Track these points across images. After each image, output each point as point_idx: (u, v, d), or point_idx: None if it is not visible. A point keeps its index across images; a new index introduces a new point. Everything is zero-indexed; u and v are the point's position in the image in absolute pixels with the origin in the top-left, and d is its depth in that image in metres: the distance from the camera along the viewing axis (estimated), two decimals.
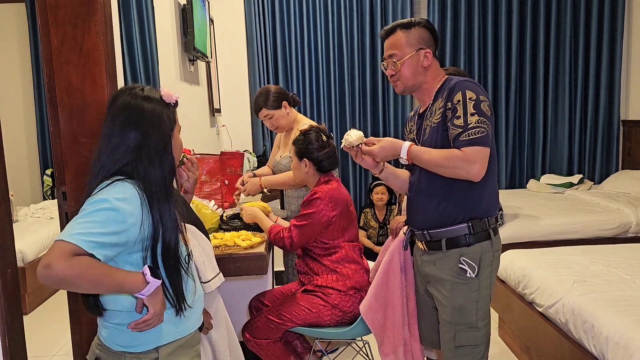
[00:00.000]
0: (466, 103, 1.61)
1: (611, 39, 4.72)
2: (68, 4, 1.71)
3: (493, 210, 1.72)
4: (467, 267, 1.67)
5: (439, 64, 1.79)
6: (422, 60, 1.73)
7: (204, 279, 1.71)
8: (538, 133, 4.84)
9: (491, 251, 1.71)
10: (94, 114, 1.75)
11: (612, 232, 3.46)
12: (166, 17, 2.96)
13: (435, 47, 1.76)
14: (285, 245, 2.08)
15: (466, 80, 1.66)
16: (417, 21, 1.75)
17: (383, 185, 4.29)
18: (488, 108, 1.62)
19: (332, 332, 2.11)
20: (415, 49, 1.72)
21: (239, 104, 4.79)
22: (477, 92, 1.62)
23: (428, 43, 1.74)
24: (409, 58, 1.72)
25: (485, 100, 1.62)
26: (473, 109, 1.60)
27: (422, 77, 1.75)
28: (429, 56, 1.73)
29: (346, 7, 4.65)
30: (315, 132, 2.19)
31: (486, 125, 1.60)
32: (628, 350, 1.80)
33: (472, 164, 1.58)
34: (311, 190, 2.16)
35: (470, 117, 1.60)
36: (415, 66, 1.73)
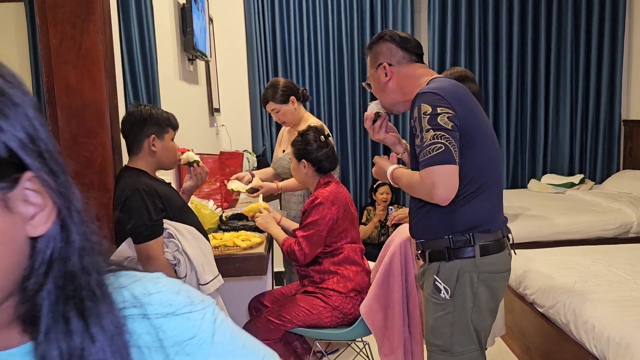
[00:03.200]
0: (421, 119, 1.45)
1: (612, 39, 4.71)
2: (67, 4, 1.70)
3: (484, 225, 1.51)
4: (441, 286, 1.52)
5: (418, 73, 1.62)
6: (382, 76, 1.63)
7: (202, 281, 1.71)
8: (539, 133, 4.83)
9: (475, 272, 1.50)
10: (93, 114, 1.75)
11: (613, 232, 3.45)
12: (165, 16, 2.95)
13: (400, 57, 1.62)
14: (298, 259, 2.07)
15: (425, 92, 1.48)
16: (378, 36, 1.67)
17: (387, 185, 4.30)
18: (448, 120, 1.42)
19: (332, 333, 2.10)
20: (375, 67, 1.65)
21: (238, 104, 4.78)
22: (433, 104, 1.44)
23: (388, 55, 1.62)
24: (371, 77, 1.66)
25: (445, 112, 1.43)
26: (427, 124, 1.43)
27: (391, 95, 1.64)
28: (389, 69, 1.61)
29: (346, 7, 4.64)
30: (313, 133, 2.18)
31: (444, 139, 1.41)
32: (629, 350, 1.80)
33: (432, 188, 1.41)
34: (311, 196, 2.14)
35: (425, 133, 1.43)
36: (376, 85, 1.66)
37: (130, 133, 1.78)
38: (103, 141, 1.76)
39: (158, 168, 1.84)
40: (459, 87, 1.57)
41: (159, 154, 1.80)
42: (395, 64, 1.63)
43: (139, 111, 1.78)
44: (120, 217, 1.67)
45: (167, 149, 1.82)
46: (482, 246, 1.51)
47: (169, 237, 1.72)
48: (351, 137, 4.76)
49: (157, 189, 1.73)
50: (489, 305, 1.56)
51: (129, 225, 1.65)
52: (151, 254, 1.64)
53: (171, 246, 1.71)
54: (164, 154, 1.82)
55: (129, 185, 1.69)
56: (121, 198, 1.67)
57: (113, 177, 1.78)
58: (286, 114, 2.59)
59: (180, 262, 1.70)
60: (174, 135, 1.86)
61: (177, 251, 1.70)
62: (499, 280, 1.56)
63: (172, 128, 1.85)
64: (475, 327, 1.55)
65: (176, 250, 1.70)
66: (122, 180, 1.75)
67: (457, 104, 1.47)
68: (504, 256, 1.57)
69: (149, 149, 1.78)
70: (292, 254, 2.07)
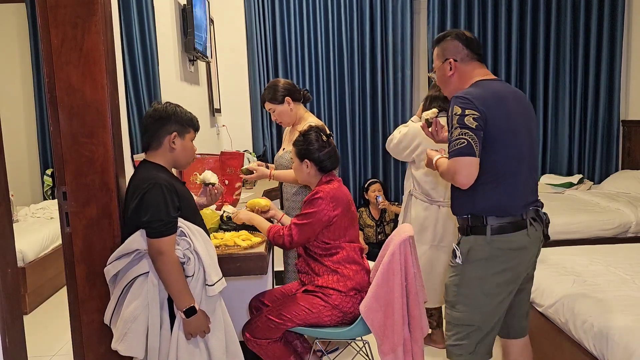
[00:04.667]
0: (453, 117, 1.75)
1: (611, 39, 4.72)
2: (68, 4, 1.71)
3: (496, 211, 1.78)
4: (457, 253, 1.85)
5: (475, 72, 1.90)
6: (447, 70, 1.91)
7: (209, 282, 1.72)
8: (538, 133, 4.83)
9: (486, 246, 1.79)
10: (94, 114, 1.75)
11: (611, 232, 3.46)
12: (166, 17, 2.96)
13: (464, 54, 1.89)
14: (284, 243, 2.08)
15: (458, 96, 1.78)
16: (446, 33, 1.94)
17: (378, 183, 4.31)
18: (473, 120, 1.72)
19: (332, 332, 2.11)
20: (442, 61, 1.92)
21: (239, 104, 4.79)
22: (463, 107, 1.73)
23: (454, 52, 1.89)
24: (437, 69, 1.96)
25: (471, 114, 1.72)
26: (456, 123, 1.73)
27: (452, 86, 1.92)
28: (454, 65, 1.89)
29: (346, 7, 4.65)
30: (315, 132, 2.19)
31: (468, 136, 1.71)
32: (628, 350, 1.80)
33: (455, 175, 1.72)
34: (313, 190, 2.16)
35: (454, 130, 1.74)
36: (441, 76, 1.95)
37: (151, 128, 1.80)
38: (104, 141, 1.77)
39: (173, 166, 1.86)
40: (493, 94, 1.81)
41: (178, 152, 1.83)
42: (460, 61, 1.90)
43: (164, 107, 1.81)
44: (137, 209, 1.68)
45: (186, 148, 1.85)
46: (493, 227, 1.78)
47: (181, 235, 1.73)
48: (351, 137, 4.77)
49: (176, 187, 1.76)
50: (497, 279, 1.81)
51: (144, 218, 1.66)
52: (162, 249, 1.66)
53: (183, 244, 1.72)
54: (182, 153, 1.84)
55: (149, 178, 1.70)
56: (140, 190, 1.68)
57: (114, 177, 1.79)
58: (282, 114, 2.63)
59: (190, 260, 1.71)
60: (194, 136, 1.90)
61: (187, 249, 1.72)
62: (515, 256, 1.80)
63: (193, 129, 1.88)
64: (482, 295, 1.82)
65: (187, 249, 1.72)
66: (141, 172, 1.77)
67: (484, 108, 1.74)
68: (519, 235, 1.80)
69: (168, 146, 1.81)
70: (278, 239, 2.09)
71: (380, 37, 4.69)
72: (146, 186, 1.68)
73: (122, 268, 1.71)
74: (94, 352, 1.85)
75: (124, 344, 1.68)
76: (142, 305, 1.68)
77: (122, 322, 1.68)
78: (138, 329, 1.67)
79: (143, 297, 1.68)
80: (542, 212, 1.90)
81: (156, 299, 1.69)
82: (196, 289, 1.71)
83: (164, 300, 1.72)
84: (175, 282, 1.67)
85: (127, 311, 1.67)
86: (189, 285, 1.70)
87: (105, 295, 1.81)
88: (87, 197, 1.77)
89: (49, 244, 3.84)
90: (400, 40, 4.71)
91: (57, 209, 1.87)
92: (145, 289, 1.69)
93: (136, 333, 1.67)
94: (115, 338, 1.70)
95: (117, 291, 1.72)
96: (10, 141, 4.40)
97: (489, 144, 1.75)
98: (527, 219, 1.82)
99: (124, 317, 1.68)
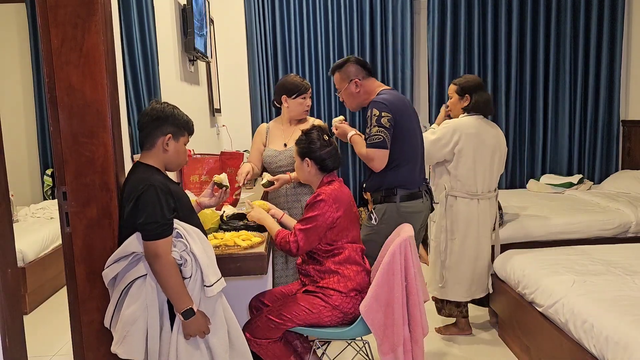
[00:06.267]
0: (372, 118, 2.35)
1: (611, 39, 4.72)
2: (68, 4, 1.71)
3: (403, 185, 2.42)
4: (373, 216, 2.46)
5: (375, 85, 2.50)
6: (353, 88, 2.49)
7: (207, 283, 1.71)
8: (538, 133, 4.84)
9: (396, 211, 2.41)
10: (94, 114, 1.75)
11: (611, 232, 3.46)
12: (166, 17, 2.96)
13: (364, 74, 2.48)
14: (291, 249, 2.07)
15: (377, 101, 2.37)
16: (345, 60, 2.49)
17: None
18: (387, 121, 2.33)
19: (332, 331, 2.11)
20: (347, 82, 2.49)
21: (239, 104, 4.79)
22: (380, 110, 2.34)
23: (356, 73, 2.47)
24: (343, 90, 2.52)
25: (386, 116, 2.33)
26: (375, 122, 2.34)
27: (359, 100, 2.52)
28: (359, 83, 2.47)
29: (346, 7, 4.65)
30: (317, 132, 2.19)
31: (383, 133, 2.33)
32: (628, 350, 1.81)
33: (371, 161, 2.38)
34: (314, 192, 2.15)
35: (372, 127, 2.34)
36: (349, 94, 2.51)
37: (146, 127, 1.79)
38: (104, 141, 1.76)
39: (164, 168, 1.85)
40: (398, 99, 2.45)
41: (170, 154, 1.82)
42: (362, 79, 2.48)
43: (161, 108, 1.80)
44: (132, 212, 1.67)
45: (179, 151, 1.85)
46: (402, 196, 2.43)
47: (177, 236, 1.72)
48: None
49: (171, 188, 1.75)
50: None
51: (139, 221, 1.65)
52: (159, 252, 1.65)
53: (179, 246, 1.71)
54: (174, 155, 1.83)
55: (143, 180, 1.69)
56: (135, 192, 1.68)
57: (114, 177, 1.78)
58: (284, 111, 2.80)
59: (187, 262, 1.70)
60: (187, 140, 1.88)
61: (184, 251, 1.71)
62: (414, 217, 2.43)
63: (188, 133, 1.87)
64: None
65: (184, 251, 1.71)
66: (135, 174, 1.76)
67: (395, 111, 2.37)
68: (418, 203, 2.47)
69: (162, 147, 1.80)
70: (285, 245, 2.07)
71: (380, 37, 4.69)
72: (141, 188, 1.67)
73: (120, 271, 1.71)
74: (94, 353, 1.85)
75: (123, 347, 1.67)
76: (141, 307, 1.67)
77: (122, 325, 1.67)
78: (137, 331, 1.66)
79: (142, 300, 1.67)
80: (429, 188, 2.58)
81: (155, 302, 1.68)
82: (194, 291, 1.71)
83: (163, 302, 1.71)
84: (173, 284, 1.66)
85: (126, 314, 1.67)
86: (187, 286, 1.69)
87: (105, 296, 1.81)
88: (87, 197, 1.77)
89: (49, 244, 3.84)
90: (400, 40, 4.71)
91: (57, 209, 1.87)
92: (144, 292, 1.68)
93: (135, 336, 1.66)
94: (115, 341, 1.70)
95: (116, 294, 1.72)
96: (10, 141, 4.42)
97: (398, 137, 2.36)
98: (422, 191, 2.49)
99: (123, 319, 1.67)
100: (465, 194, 2.88)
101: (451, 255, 2.92)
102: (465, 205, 2.89)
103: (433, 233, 3.03)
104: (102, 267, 1.78)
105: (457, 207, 2.90)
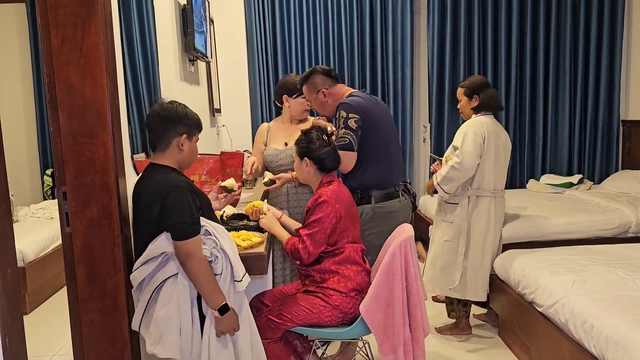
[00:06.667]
0: (339, 119, 2.37)
1: (611, 39, 4.72)
2: (68, 4, 1.71)
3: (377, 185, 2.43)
4: None
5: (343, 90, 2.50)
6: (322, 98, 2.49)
7: (237, 278, 1.75)
8: (538, 133, 4.84)
9: (371, 211, 2.43)
10: (94, 114, 1.75)
11: (611, 232, 3.46)
12: (166, 17, 2.95)
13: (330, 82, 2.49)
14: (302, 257, 2.07)
15: (344, 103, 2.39)
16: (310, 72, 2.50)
17: None
18: (354, 123, 2.35)
19: (332, 332, 2.11)
20: (315, 93, 2.50)
21: (239, 104, 4.79)
22: (347, 111, 2.35)
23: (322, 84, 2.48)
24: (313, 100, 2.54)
25: (353, 117, 2.34)
26: (342, 124, 2.36)
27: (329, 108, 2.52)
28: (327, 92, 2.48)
29: (346, 7, 4.65)
30: (316, 132, 2.19)
31: (349, 135, 2.34)
32: (628, 350, 1.81)
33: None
34: (315, 194, 2.15)
35: (340, 129, 2.37)
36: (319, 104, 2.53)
37: (158, 127, 1.77)
38: (104, 141, 1.76)
39: (179, 167, 1.85)
40: (371, 100, 2.47)
41: (185, 154, 1.81)
42: (329, 87, 2.49)
43: (173, 108, 1.79)
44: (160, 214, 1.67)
45: (192, 150, 1.85)
46: (376, 197, 2.44)
47: (205, 234, 1.74)
48: None
49: (192, 187, 1.76)
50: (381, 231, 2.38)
51: (169, 222, 1.66)
52: (191, 251, 1.66)
53: (209, 243, 1.73)
54: (189, 155, 1.83)
55: (168, 181, 1.69)
56: (161, 194, 1.67)
57: (115, 177, 1.78)
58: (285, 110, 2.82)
59: (217, 259, 1.72)
60: (198, 138, 1.89)
61: (214, 248, 1.73)
62: (391, 217, 2.43)
63: (198, 131, 1.87)
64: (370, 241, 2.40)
65: (214, 248, 1.73)
66: (155, 176, 1.74)
67: (363, 112, 2.37)
68: (394, 202, 2.46)
69: (177, 148, 1.79)
70: (296, 253, 2.07)
71: (380, 37, 4.69)
72: (168, 189, 1.67)
73: (149, 273, 1.71)
74: (94, 352, 1.85)
75: (160, 347, 1.67)
76: (175, 306, 1.68)
77: (156, 325, 1.68)
78: (172, 330, 1.67)
79: (175, 299, 1.68)
80: (409, 187, 2.56)
81: (187, 300, 1.70)
82: (225, 287, 1.73)
83: (193, 300, 1.72)
84: (207, 281, 1.68)
85: (161, 314, 1.67)
86: (219, 283, 1.71)
87: (105, 296, 1.81)
88: (87, 197, 1.77)
89: (49, 244, 3.84)
90: (400, 40, 4.71)
91: (57, 209, 1.87)
92: (175, 291, 1.69)
93: (171, 334, 1.67)
94: (151, 342, 1.70)
95: (146, 295, 1.72)
96: (10, 141, 4.42)
97: (369, 138, 2.37)
98: (399, 191, 2.48)
99: (158, 320, 1.68)
100: (490, 193, 2.89)
101: (472, 255, 2.90)
102: (487, 203, 2.90)
103: (448, 234, 2.96)
104: (102, 267, 1.78)
105: (480, 206, 2.89)
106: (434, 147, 4.83)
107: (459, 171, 2.81)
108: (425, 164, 5.08)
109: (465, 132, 2.86)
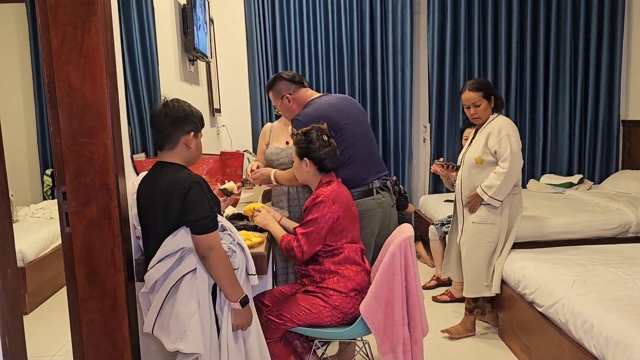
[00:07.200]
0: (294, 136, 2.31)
1: (611, 39, 4.72)
2: (68, 4, 1.71)
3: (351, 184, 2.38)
4: None
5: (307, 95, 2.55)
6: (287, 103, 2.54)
7: (251, 271, 1.80)
8: (538, 133, 4.84)
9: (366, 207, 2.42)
10: (94, 114, 1.75)
11: (612, 232, 3.46)
12: (166, 17, 2.96)
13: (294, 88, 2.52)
14: (296, 255, 2.07)
15: (294, 119, 2.43)
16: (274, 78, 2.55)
17: None
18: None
19: (332, 332, 2.11)
20: (280, 99, 2.54)
21: (239, 104, 4.79)
22: (297, 128, 2.32)
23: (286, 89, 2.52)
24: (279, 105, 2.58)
25: None
26: None
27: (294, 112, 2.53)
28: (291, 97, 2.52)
29: (346, 7, 4.65)
30: (316, 132, 2.19)
31: None
32: (628, 350, 1.80)
33: None
34: (313, 194, 2.15)
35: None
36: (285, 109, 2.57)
37: (168, 128, 1.78)
38: (104, 141, 1.76)
39: (187, 164, 1.85)
40: (330, 103, 2.48)
41: (192, 151, 1.83)
42: (293, 93, 2.53)
43: (179, 107, 1.80)
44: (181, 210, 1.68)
45: (199, 147, 1.87)
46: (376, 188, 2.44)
47: (222, 230, 1.77)
48: None
49: (206, 183, 1.78)
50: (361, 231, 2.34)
51: (190, 217, 1.67)
52: (212, 244, 1.68)
53: (226, 238, 1.76)
54: (195, 152, 1.85)
55: (183, 178, 1.70)
56: (179, 191, 1.68)
57: (114, 177, 1.78)
58: None
59: (235, 253, 1.75)
60: (202, 134, 1.90)
61: (231, 243, 1.76)
62: (367, 215, 2.41)
63: (202, 127, 1.89)
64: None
65: (231, 243, 1.76)
66: (167, 174, 1.75)
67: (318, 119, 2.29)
68: (368, 200, 2.43)
69: (185, 146, 1.80)
70: (290, 251, 2.08)
71: (380, 37, 4.69)
72: (187, 185, 1.68)
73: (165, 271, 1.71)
74: (93, 352, 1.85)
75: (185, 343, 1.67)
76: (196, 301, 1.69)
77: (178, 322, 1.68)
78: (196, 325, 1.68)
79: (195, 294, 1.69)
80: (390, 184, 2.52)
81: (206, 294, 1.72)
82: (240, 281, 1.76)
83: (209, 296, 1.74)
84: (228, 275, 1.70)
85: (183, 310, 1.68)
86: None
87: (105, 296, 1.81)
88: (87, 197, 1.77)
89: (49, 244, 3.84)
90: (400, 40, 4.71)
91: (57, 209, 1.87)
92: (195, 286, 1.70)
93: (195, 329, 1.68)
94: (172, 339, 1.69)
95: (161, 295, 1.72)
96: (10, 141, 4.42)
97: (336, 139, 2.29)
98: (374, 189, 2.45)
99: (180, 316, 1.68)
100: (518, 188, 2.87)
101: (505, 252, 2.88)
102: (519, 199, 2.88)
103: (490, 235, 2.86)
104: (102, 267, 1.78)
105: (516, 203, 2.87)
106: (434, 147, 4.83)
107: (512, 176, 2.74)
108: (425, 164, 5.08)
109: (505, 133, 2.75)
